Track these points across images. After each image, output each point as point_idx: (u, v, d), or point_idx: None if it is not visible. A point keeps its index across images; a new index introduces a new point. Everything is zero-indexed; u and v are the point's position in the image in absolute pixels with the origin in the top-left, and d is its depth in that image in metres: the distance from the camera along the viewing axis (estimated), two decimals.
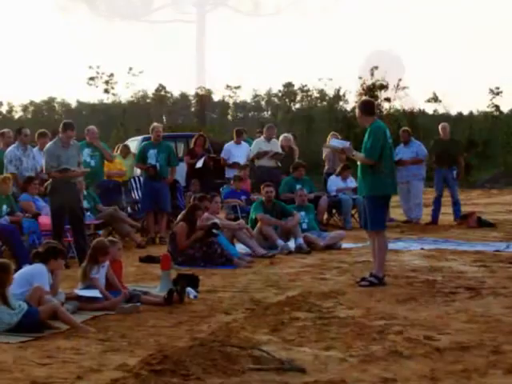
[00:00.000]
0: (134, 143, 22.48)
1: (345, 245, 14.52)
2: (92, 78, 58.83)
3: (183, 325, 7.89)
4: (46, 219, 12.94)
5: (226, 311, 8.57)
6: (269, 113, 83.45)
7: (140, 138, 23.70)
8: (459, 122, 52.47)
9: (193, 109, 71.11)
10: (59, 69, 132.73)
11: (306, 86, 64.26)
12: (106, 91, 59.18)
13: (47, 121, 71.24)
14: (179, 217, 13.28)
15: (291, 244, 14.11)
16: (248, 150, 18.81)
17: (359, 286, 10.04)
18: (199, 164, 17.79)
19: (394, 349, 6.59)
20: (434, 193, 18.77)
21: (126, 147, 19.52)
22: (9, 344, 7.05)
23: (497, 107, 51.71)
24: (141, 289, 9.51)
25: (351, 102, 59.91)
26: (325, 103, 61.11)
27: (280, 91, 74.55)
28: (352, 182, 18.09)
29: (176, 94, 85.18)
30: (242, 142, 19.11)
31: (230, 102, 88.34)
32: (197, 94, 65.26)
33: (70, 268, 11.53)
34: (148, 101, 73.97)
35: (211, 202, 13.84)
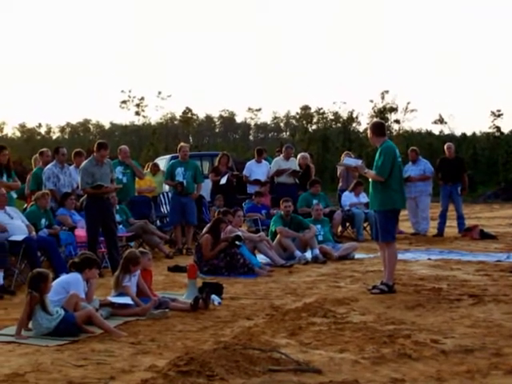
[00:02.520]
0: (162, 161, 22.54)
1: (357, 255, 14.51)
2: (124, 102, 59.21)
3: (208, 329, 7.89)
4: (81, 232, 13.00)
5: (248, 317, 8.56)
6: (287, 133, 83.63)
7: (168, 156, 23.85)
8: (463, 141, 52.47)
9: (217, 130, 71.25)
10: (94, 93, 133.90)
11: (321, 108, 64.39)
12: (137, 113, 59.53)
13: (83, 141, 71.82)
14: (204, 229, 13.30)
15: (308, 254, 14.10)
16: (268, 167, 18.86)
17: (371, 294, 10.01)
18: (223, 181, 17.83)
19: (403, 351, 6.57)
20: (440, 207, 18.71)
21: (156, 165, 19.60)
22: (47, 347, 7.07)
23: (498, 128, 51.67)
24: (169, 296, 9.51)
25: (363, 123, 60.09)
26: (339, 125, 61.15)
27: (298, 113, 74.75)
28: (364, 198, 18.08)
29: (201, 116, 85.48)
30: (263, 161, 19.15)
31: (252, 123, 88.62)
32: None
33: (104, 277, 11.56)
34: (176, 122, 74.30)
35: (234, 216, 13.87)
